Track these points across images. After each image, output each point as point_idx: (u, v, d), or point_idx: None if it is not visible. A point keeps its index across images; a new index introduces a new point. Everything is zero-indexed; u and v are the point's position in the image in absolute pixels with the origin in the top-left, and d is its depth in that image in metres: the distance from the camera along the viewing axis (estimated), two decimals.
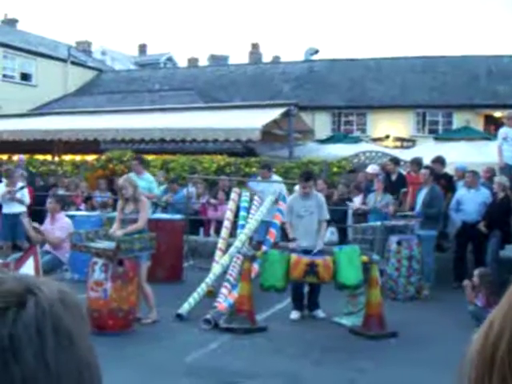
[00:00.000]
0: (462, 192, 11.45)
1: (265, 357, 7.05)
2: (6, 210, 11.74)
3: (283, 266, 7.98)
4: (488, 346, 0.78)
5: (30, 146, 19.80)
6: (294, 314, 8.80)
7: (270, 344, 7.52)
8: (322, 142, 21.57)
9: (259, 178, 12.47)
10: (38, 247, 7.94)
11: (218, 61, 40.47)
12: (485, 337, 0.79)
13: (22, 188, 11.79)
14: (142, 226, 8.22)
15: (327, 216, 9.08)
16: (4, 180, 12.08)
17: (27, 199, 11.87)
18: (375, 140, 24.19)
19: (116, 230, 8.19)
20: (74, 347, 0.80)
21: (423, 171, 11.19)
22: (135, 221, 8.21)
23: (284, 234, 10.19)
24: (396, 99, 28.28)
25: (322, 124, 27.67)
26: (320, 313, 8.82)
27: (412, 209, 11.33)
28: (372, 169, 13.31)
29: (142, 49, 50.35)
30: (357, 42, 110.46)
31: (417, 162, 12.40)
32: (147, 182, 11.66)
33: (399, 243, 10.29)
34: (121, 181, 8.59)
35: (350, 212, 12.88)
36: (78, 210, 13.78)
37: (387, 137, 24.62)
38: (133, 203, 8.29)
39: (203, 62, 43.32)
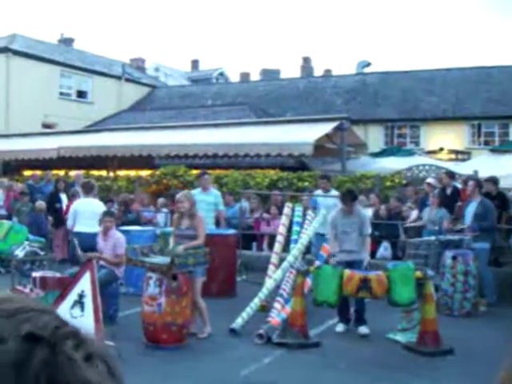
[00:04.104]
0: None
1: (318, 372, 7.03)
2: (81, 228, 10.60)
3: (336, 281, 7.95)
4: None
5: (86, 162, 20.26)
6: (340, 327, 8.83)
7: (324, 359, 7.49)
8: (375, 155, 21.44)
9: (319, 191, 12.31)
10: (94, 262, 8.08)
11: (269, 75, 40.63)
12: None
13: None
14: (201, 242, 8.31)
15: (369, 231, 9.14)
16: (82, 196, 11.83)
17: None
18: (429, 153, 23.86)
19: (179, 247, 8.23)
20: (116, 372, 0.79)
21: (470, 183, 10.97)
22: (191, 236, 8.30)
23: None
24: (450, 111, 27.91)
25: (374, 137, 27.50)
26: (363, 329, 8.63)
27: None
28: (433, 181, 13.18)
29: (195, 64, 50.97)
30: (409, 54, 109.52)
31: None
32: (215, 197, 11.76)
33: (454, 258, 10.11)
34: (178, 195, 8.71)
35: (401, 227, 12.75)
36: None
37: (441, 149, 24.25)
38: (188, 218, 8.38)
39: (255, 76, 43.68)
